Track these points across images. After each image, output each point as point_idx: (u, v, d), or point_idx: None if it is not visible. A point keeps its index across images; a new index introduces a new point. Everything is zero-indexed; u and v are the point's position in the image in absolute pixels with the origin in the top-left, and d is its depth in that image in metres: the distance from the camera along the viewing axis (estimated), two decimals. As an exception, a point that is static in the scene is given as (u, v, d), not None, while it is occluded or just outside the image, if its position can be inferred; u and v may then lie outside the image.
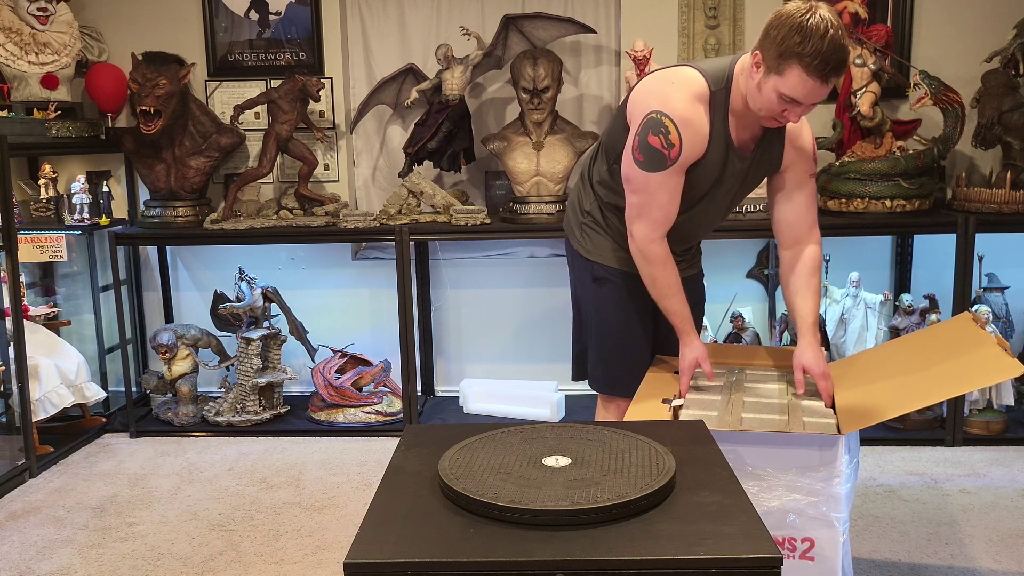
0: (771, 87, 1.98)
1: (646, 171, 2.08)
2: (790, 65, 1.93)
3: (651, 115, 2.06)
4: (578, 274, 2.45)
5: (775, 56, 1.94)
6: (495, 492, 1.44)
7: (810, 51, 1.90)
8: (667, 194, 2.11)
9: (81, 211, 3.86)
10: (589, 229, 2.36)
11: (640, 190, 2.12)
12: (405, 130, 4.15)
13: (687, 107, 2.05)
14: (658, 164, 2.07)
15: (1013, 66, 3.55)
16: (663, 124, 2.04)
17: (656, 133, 2.05)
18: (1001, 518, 2.92)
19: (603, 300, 2.37)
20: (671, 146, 2.05)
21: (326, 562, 2.73)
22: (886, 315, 3.83)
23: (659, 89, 2.10)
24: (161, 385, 4.06)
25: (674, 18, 3.95)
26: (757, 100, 2.03)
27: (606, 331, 2.39)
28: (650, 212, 2.13)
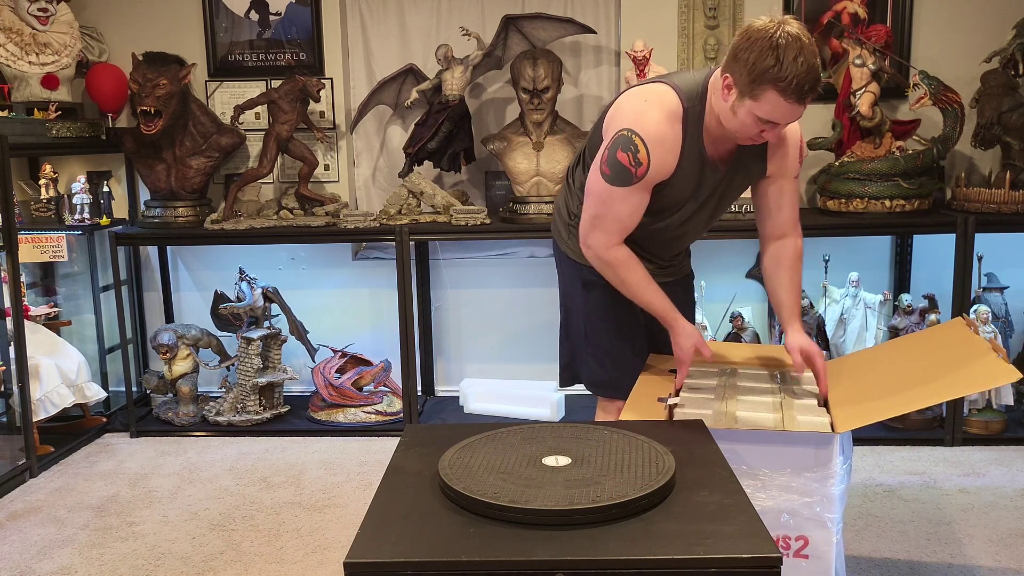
0: (746, 111, 1.94)
1: (610, 184, 2.08)
2: (765, 90, 1.88)
3: (622, 132, 2.05)
4: (567, 279, 2.43)
5: (748, 81, 1.89)
6: (495, 492, 1.45)
7: (785, 75, 1.85)
8: (628, 209, 2.11)
9: (82, 211, 3.87)
10: (575, 237, 2.31)
11: (601, 203, 2.12)
12: (405, 130, 4.15)
13: (658, 126, 2.04)
14: (623, 180, 2.07)
15: (1012, 66, 3.56)
16: (633, 142, 2.03)
17: (625, 150, 2.04)
18: (1000, 518, 2.92)
19: (595, 304, 2.35)
20: (638, 164, 2.04)
21: (326, 562, 2.73)
22: (885, 315, 3.83)
23: (633, 107, 2.09)
24: (161, 385, 4.06)
25: (674, 18, 3.95)
26: (732, 122, 2.00)
27: (601, 335, 2.38)
28: (606, 224, 2.13)
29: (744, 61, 1.88)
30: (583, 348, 2.41)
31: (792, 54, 1.84)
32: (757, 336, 3.76)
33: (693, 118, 2.06)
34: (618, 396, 2.35)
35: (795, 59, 1.84)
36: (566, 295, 2.45)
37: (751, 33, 1.90)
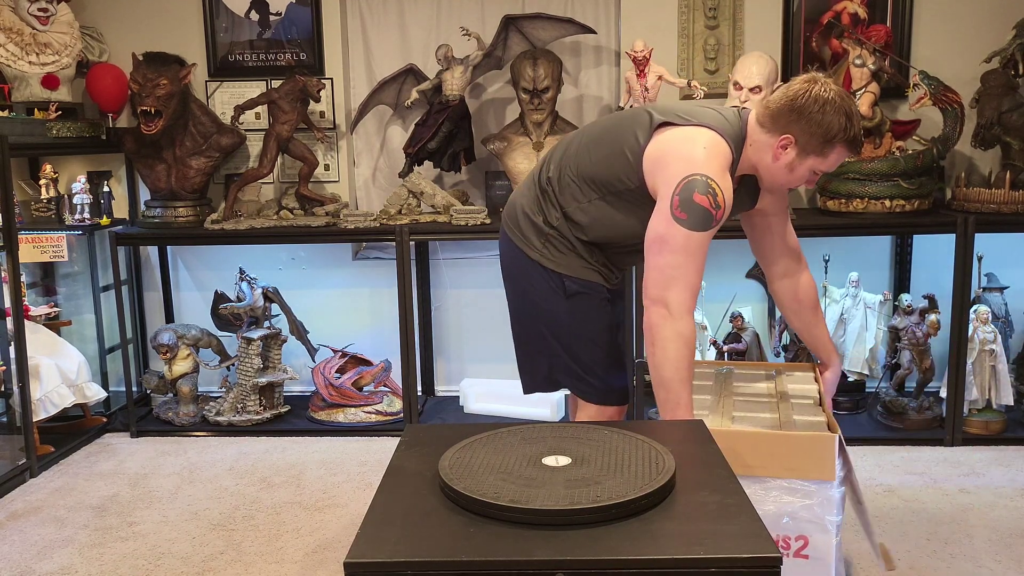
0: (808, 167, 2.07)
1: (690, 230, 1.99)
2: (835, 147, 2.04)
3: (695, 176, 2.00)
4: (541, 288, 2.30)
5: (820, 142, 2.03)
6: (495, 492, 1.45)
7: (852, 134, 2.03)
8: (703, 255, 2.04)
9: (82, 211, 3.87)
10: (554, 246, 2.27)
11: (679, 250, 2.00)
12: (405, 130, 4.15)
13: (723, 172, 2.04)
14: (704, 224, 2.00)
15: (1012, 66, 3.56)
16: (710, 187, 1.99)
17: (704, 193, 1.99)
18: (1001, 518, 2.92)
19: (584, 313, 2.28)
20: (718, 207, 2.00)
21: (326, 562, 2.73)
22: (885, 315, 3.83)
23: (693, 153, 2.04)
24: (162, 385, 4.06)
25: (674, 18, 3.95)
26: (784, 177, 2.11)
27: (592, 343, 2.31)
28: (688, 276, 2.01)
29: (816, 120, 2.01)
30: (565, 359, 2.33)
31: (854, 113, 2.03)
32: (757, 336, 3.76)
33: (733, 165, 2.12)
34: (612, 403, 2.36)
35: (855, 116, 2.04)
36: (538, 307, 2.33)
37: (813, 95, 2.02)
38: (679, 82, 3.64)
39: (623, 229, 2.22)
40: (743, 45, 3.92)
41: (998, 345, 3.56)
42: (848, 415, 3.84)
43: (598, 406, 2.36)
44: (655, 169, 2.08)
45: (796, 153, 2.05)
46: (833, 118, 2.00)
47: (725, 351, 3.71)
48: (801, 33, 3.90)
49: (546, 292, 2.29)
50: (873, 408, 3.81)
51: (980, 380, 3.58)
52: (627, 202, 2.18)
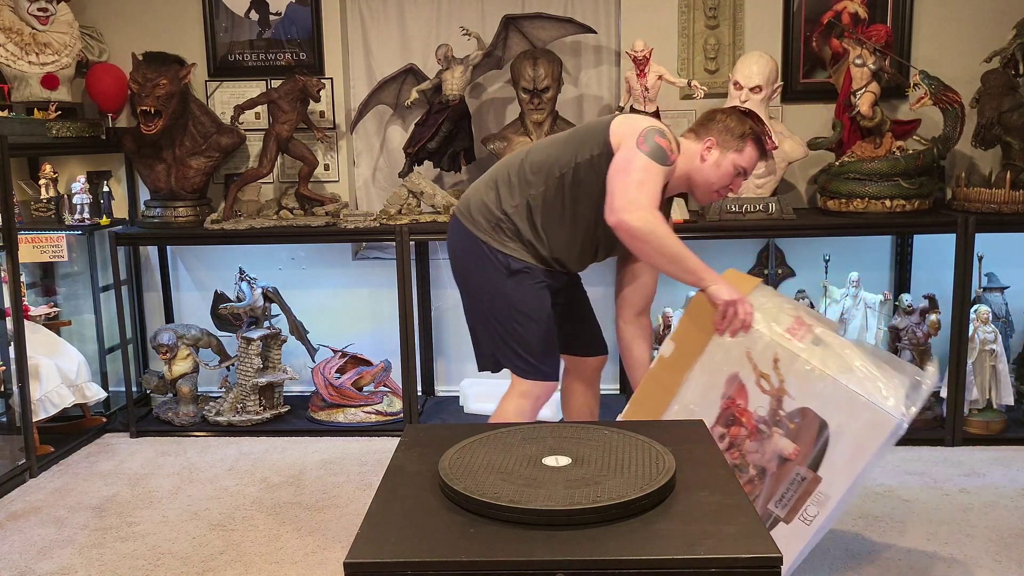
0: (730, 161, 2.47)
1: (649, 157, 2.32)
2: (747, 143, 2.47)
3: (659, 127, 2.39)
4: (486, 270, 2.52)
5: (736, 137, 2.46)
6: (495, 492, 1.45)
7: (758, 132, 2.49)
8: (658, 188, 2.35)
9: (81, 211, 3.86)
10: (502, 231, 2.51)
11: (641, 169, 2.31)
12: (405, 130, 4.15)
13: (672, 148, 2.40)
14: (662, 158, 2.34)
15: (1013, 66, 3.55)
16: (667, 135, 2.39)
17: (664, 137, 2.37)
18: (1001, 518, 2.92)
19: (525, 290, 2.50)
20: (672, 152, 2.38)
21: (326, 562, 2.73)
22: (886, 315, 3.83)
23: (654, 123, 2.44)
24: (161, 385, 4.06)
25: (674, 18, 3.95)
26: (713, 174, 2.48)
27: (533, 316, 2.51)
28: (650, 188, 2.30)
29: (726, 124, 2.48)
30: (508, 332, 2.54)
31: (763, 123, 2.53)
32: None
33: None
34: (550, 377, 2.59)
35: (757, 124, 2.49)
36: (480, 286, 2.56)
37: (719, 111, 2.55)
38: (679, 82, 3.64)
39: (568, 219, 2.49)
40: (743, 45, 3.92)
41: (998, 345, 3.56)
42: (848, 415, 3.83)
43: (532, 381, 2.55)
44: (621, 129, 2.41)
45: (719, 152, 2.47)
46: (739, 121, 2.47)
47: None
48: (801, 33, 3.90)
49: (489, 271, 2.51)
50: (873, 408, 3.81)
51: (980, 380, 3.58)
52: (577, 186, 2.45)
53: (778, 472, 2.17)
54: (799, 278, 4.06)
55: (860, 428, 2.09)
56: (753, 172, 2.61)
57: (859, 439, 2.09)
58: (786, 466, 2.16)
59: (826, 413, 2.11)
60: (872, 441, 2.08)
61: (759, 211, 3.58)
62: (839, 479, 2.11)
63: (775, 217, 3.57)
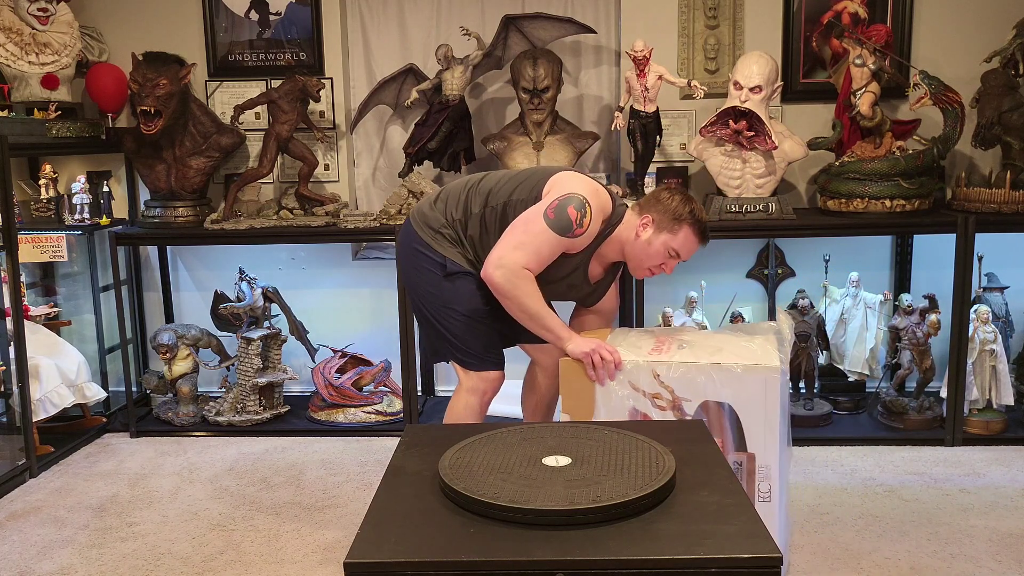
0: (662, 242, 2.50)
1: (548, 227, 2.41)
2: (683, 227, 2.50)
3: (578, 195, 2.44)
4: (423, 270, 2.64)
5: (670, 220, 2.49)
6: (495, 492, 1.45)
7: (698, 221, 2.51)
8: (549, 252, 2.45)
9: (81, 211, 3.86)
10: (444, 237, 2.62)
11: (534, 233, 2.43)
12: (405, 130, 4.15)
13: (596, 214, 2.46)
14: (563, 229, 2.42)
15: (1013, 66, 3.55)
16: (585, 208, 2.43)
17: (578, 209, 2.42)
18: (1001, 518, 2.92)
19: (460, 290, 2.59)
20: (580, 226, 2.43)
21: (326, 562, 2.73)
22: (886, 315, 3.83)
23: (589, 187, 2.50)
24: (161, 385, 4.06)
25: (674, 18, 3.95)
26: (644, 252, 2.53)
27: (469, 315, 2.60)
28: (528, 253, 2.42)
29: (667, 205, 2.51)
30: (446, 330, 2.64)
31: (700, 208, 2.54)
32: (757, 336, 3.76)
33: (605, 232, 2.54)
34: (493, 367, 2.69)
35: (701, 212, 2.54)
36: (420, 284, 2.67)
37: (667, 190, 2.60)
38: (679, 82, 3.64)
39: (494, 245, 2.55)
40: (743, 45, 3.92)
41: (998, 345, 3.56)
42: (848, 415, 3.84)
43: (476, 373, 2.66)
44: (554, 187, 2.51)
45: (653, 230, 2.51)
46: (681, 204, 2.51)
47: (725, 351, 3.70)
48: (801, 33, 3.90)
49: (428, 273, 2.63)
50: (873, 408, 3.81)
51: (980, 380, 3.58)
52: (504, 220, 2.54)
53: None
54: (799, 278, 4.06)
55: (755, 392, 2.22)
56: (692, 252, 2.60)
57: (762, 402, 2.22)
58: None
59: (722, 396, 2.24)
60: (771, 398, 2.22)
61: (759, 211, 3.58)
62: (768, 446, 2.23)
63: (775, 217, 3.57)
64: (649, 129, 3.62)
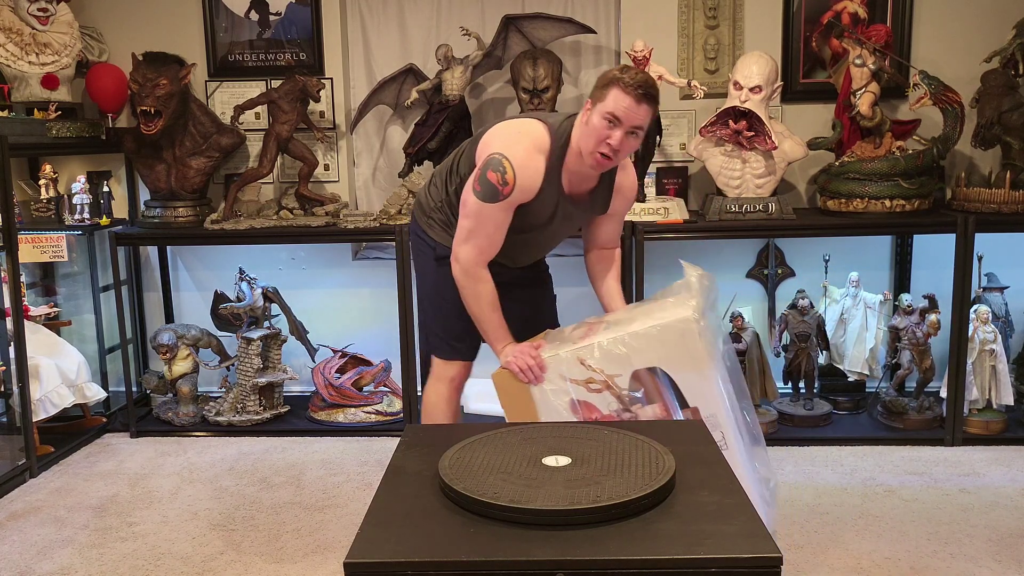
0: (597, 113, 2.33)
1: (480, 200, 2.38)
2: (610, 89, 2.31)
3: (493, 155, 2.36)
4: (420, 255, 2.70)
5: (600, 88, 2.34)
6: (495, 492, 1.45)
7: (625, 76, 2.31)
8: (493, 225, 2.40)
9: (81, 211, 3.86)
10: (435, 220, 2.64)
11: (472, 215, 2.40)
12: (405, 130, 4.15)
13: (526, 156, 2.37)
14: (492, 196, 2.37)
15: (1013, 66, 3.55)
16: (502, 164, 2.35)
17: (495, 171, 2.35)
18: (1001, 518, 2.92)
19: (446, 278, 2.56)
20: (505, 183, 2.35)
21: (326, 562, 2.73)
22: (885, 315, 3.83)
23: (507, 136, 2.43)
24: (161, 385, 4.06)
25: (674, 18, 3.95)
26: (586, 135, 2.36)
27: (447, 302, 2.61)
28: (477, 238, 2.41)
29: (599, 81, 2.37)
30: (430, 315, 2.71)
31: (632, 68, 2.38)
32: (757, 336, 3.76)
33: (557, 154, 2.41)
34: (462, 357, 2.70)
35: (634, 71, 2.34)
36: (418, 270, 2.74)
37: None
38: (679, 82, 3.64)
39: None
40: (743, 45, 3.92)
41: (998, 345, 3.56)
42: (848, 415, 3.84)
43: (446, 361, 2.70)
44: (480, 152, 2.45)
45: (591, 106, 2.35)
46: (610, 71, 2.36)
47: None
48: (801, 33, 3.90)
49: (422, 257, 2.68)
50: (873, 408, 3.81)
51: (980, 380, 3.58)
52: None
53: None
54: (799, 278, 4.06)
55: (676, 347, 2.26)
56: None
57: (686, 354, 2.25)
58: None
59: (648, 361, 2.27)
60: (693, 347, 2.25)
61: (759, 211, 3.58)
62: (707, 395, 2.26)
63: (775, 217, 3.57)
64: (649, 129, 3.61)
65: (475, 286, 2.45)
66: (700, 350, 2.24)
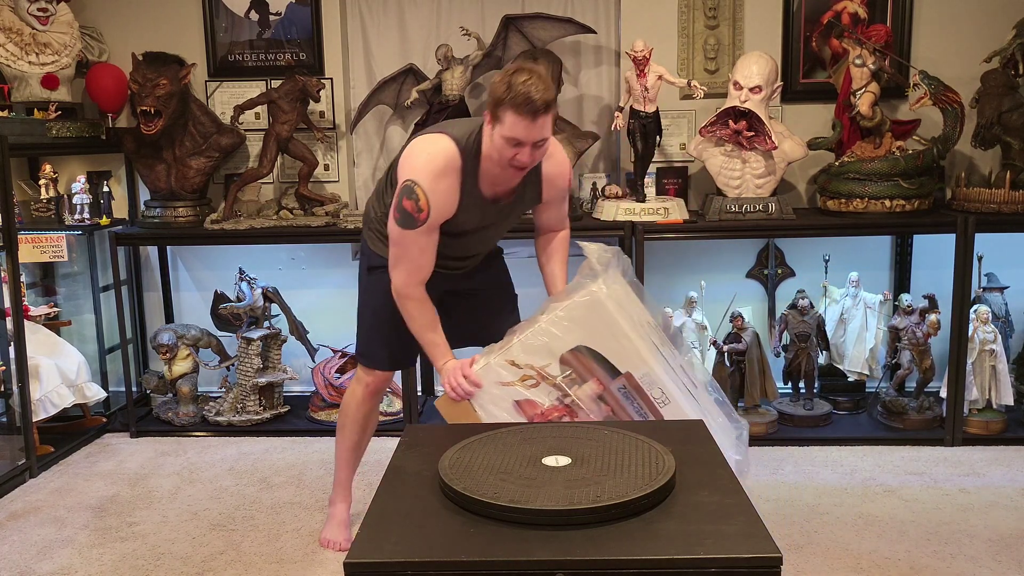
0: (498, 135, 2.26)
1: (401, 228, 2.38)
2: (504, 112, 2.22)
3: (406, 182, 2.35)
4: (361, 267, 2.73)
5: (494, 108, 2.25)
6: (495, 492, 1.45)
7: (515, 96, 2.18)
8: (418, 249, 2.40)
9: (81, 211, 3.86)
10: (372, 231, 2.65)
11: (397, 243, 2.41)
12: (405, 130, 4.15)
13: (436, 178, 2.34)
14: (410, 224, 2.37)
15: (1013, 66, 3.56)
16: (414, 192, 2.34)
17: (409, 198, 2.34)
18: (1001, 518, 2.92)
19: (374, 286, 2.62)
20: (420, 211, 2.34)
21: (326, 562, 2.73)
22: (885, 315, 3.83)
23: (415, 159, 2.39)
24: (161, 385, 4.06)
25: (674, 18, 3.95)
26: (495, 151, 2.30)
27: (369, 311, 2.69)
28: (404, 263, 2.42)
29: (491, 95, 2.26)
30: (358, 321, 2.74)
31: (520, 81, 2.19)
32: (757, 336, 3.76)
33: (470, 163, 2.37)
34: (374, 367, 2.76)
35: (523, 83, 2.18)
36: (359, 277, 2.76)
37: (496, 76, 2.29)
38: (679, 82, 3.64)
39: None
40: (743, 45, 3.92)
41: (998, 345, 3.56)
42: (848, 415, 3.84)
43: (363, 367, 2.76)
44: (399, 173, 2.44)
45: (492, 125, 2.28)
46: (499, 86, 2.22)
47: (725, 351, 3.70)
48: (801, 33, 3.90)
49: (361, 265, 2.72)
50: (873, 408, 3.81)
51: (980, 380, 3.58)
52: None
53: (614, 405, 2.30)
54: (799, 278, 4.06)
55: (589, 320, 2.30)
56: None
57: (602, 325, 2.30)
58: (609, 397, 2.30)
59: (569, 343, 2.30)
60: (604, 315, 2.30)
61: (759, 211, 3.58)
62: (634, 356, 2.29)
63: (775, 217, 3.57)
64: (649, 129, 3.62)
65: (409, 308, 2.46)
66: (614, 318, 2.30)
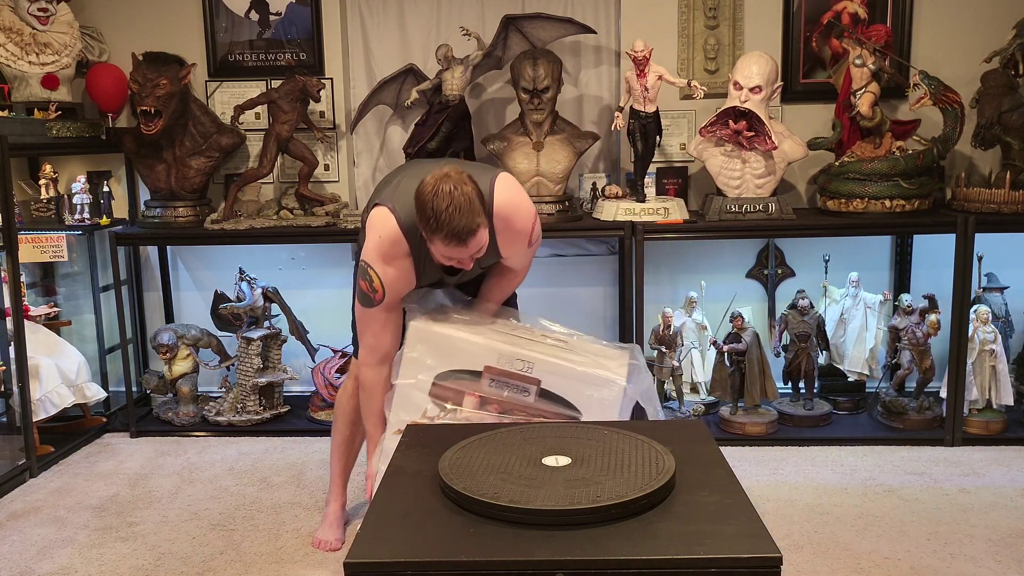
0: (433, 246, 2.26)
1: (361, 305, 2.45)
2: (433, 239, 2.23)
3: (362, 263, 2.42)
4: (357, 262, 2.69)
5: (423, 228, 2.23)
6: (495, 492, 1.45)
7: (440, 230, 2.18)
8: (379, 325, 2.46)
9: (82, 211, 3.86)
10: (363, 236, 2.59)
11: (360, 319, 2.50)
12: (405, 130, 4.15)
13: (386, 260, 2.37)
14: (367, 303, 2.44)
15: (1013, 66, 3.56)
16: (368, 274, 2.40)
17: (365, 279, 2.41)
18: (1001, 518, 2.92)
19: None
20: (375, 291, 2.40)
21: (326, 562, 2.73)
22: (885, 315, 3.83)
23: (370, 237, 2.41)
24: (161, 385, 4.06)
25: (674, 18, 3.95)
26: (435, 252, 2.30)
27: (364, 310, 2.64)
28: (367, 337, 2.48)
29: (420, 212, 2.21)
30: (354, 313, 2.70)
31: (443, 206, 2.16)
32: (757, 336, 3.76)
33: (417, 241, 2.35)
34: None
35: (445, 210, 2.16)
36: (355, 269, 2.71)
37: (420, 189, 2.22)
38: (679, 82, 3.64)
39: None
40: (743, 45, 3.92)
41: (998, 345, 3.56)
42: (848, 415, 3.84)
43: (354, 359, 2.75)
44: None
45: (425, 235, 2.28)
46: (423, 214, 2.20)
47: (725, 351, 3.70)
48: (801, 33, 3.90)
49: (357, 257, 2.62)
50: (873, 408, 3.82)
51: (980, 380, 3.58)
52: None
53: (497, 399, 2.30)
54: (799, 278, 4.06)
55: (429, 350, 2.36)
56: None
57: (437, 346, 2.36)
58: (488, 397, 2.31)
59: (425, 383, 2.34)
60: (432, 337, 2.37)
61: (759, 211, 3.58)
62: (477, 353, 2.33)
63: (775, 217, 3.57)
64: (649, 129, 3.62)
65: (363, 399, 2.54)
66: (443, 333, 2.36)
